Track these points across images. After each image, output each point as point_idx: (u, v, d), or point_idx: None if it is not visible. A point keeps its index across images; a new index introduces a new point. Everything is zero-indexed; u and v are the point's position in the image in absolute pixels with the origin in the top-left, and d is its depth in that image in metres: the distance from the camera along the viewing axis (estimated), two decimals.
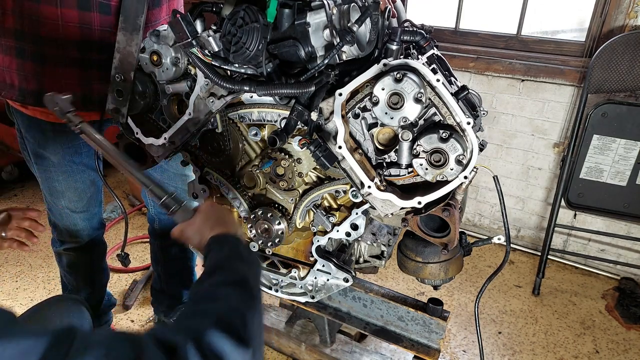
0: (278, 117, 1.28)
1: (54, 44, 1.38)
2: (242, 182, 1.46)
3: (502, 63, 2.71)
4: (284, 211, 1.43)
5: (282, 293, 1.56)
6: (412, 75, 1.05)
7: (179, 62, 1.27)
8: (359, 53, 1.14)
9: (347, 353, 1.89)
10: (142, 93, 1.34)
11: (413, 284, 2.64)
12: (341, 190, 1.33)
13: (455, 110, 1.08)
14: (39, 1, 1.33)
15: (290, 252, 1.52)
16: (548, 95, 2.65)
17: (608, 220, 2.69)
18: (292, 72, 1.18)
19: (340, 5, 1.10)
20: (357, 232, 1.35)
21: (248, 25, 1.06)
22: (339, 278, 1.43)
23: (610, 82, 2.32)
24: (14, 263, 2.72)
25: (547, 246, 2.63)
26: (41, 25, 1.35)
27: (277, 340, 2.07)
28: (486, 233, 3.17)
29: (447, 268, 1.33)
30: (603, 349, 2.27)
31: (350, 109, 1.17)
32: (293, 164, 1.32)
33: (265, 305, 2.20)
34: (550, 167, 2.80)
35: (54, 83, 1.44)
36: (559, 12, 2.82)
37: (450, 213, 1.15)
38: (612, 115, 2.38)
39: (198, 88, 1.27)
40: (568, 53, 2.62)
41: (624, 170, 2.46)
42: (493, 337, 2.32)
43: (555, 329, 2.39)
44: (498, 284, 2.69)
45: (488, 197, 3.08)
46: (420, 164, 1.11)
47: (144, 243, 2.97)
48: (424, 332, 1.48)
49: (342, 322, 1.59)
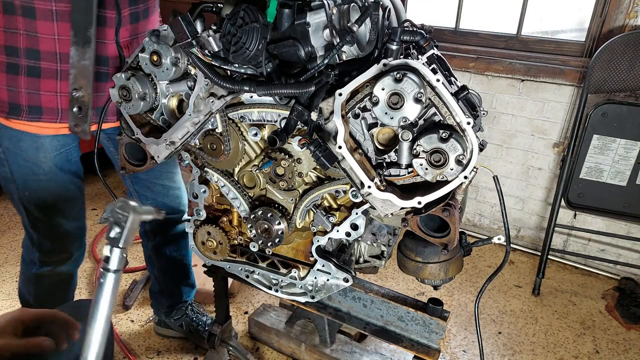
0: (278, 117, 1.28)
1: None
2: (242, 182, 1.46)
3: (502, 63, 2.71)
4: (284, 211, 1.43)
5: (282, 293, 1.56)
6: (412, 75, 1.05)
7: (179, 62, 1.27)
8: (358, 53, 1.14)
9: (347, 353, 1.89)
10: (142, 93, 1.34)
11: (413, 284, 2.64)
12: (341, 190, 1.33)
13: (455, 110, 1.08)
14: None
15: (290, 252, 1.52)
16: (548, 95, 2.65)
17: (608, 220, 2.70)
18: (292, 72, 1.18)
19: (340, 5, 1.10)
20: (357, 232, 1.35)
21: (248, 25, 1.06)
22: (339, 278, 1.43)
23: (610, 82, 2.32)
24: (14, 263, 2.72)
25: (547, 246, 2.63)
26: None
27: (277, 340, 2.07)
28: (486, 233, 3.17)
29: (447, 268, 1.33)
30: (603, 349, 2.27)
31: (350, 109, 1.17)
32: (293, 164, 1.32)
33: (265, 305, 2.20)
34: (550, 167, 2.80)
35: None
36: (559, 12, 2.82)
37: (450, 213, 1.15)
38: (612, 115, 2.38)
39: (198, 88, 1.27)
40: (568, 53, 2.62)
41: (624, 170, 2.46)
42: (493, 337, 2.32)
43: (555, 329, 2.39)
44: (498, 284, 2.69)
45: (488, 197, 3.08)
46: (420, 164, 1.11)
47: None
48: (424, 332, 1.48)
49: (342, 322, 1.59)
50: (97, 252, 2.84)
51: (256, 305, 2.42)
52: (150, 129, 1.42)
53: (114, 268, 1.01)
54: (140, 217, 1.06)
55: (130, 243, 1.05)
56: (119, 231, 1.04)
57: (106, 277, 1.00)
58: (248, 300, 2.49)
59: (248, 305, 2.45)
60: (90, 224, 3.17)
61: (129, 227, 1.04)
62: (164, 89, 1.36)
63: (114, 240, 1.02)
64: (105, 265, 1.01)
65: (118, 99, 1.35)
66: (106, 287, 1.00)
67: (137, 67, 1.34)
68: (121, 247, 1.02)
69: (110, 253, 1.02)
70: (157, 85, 1.35)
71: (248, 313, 2.36)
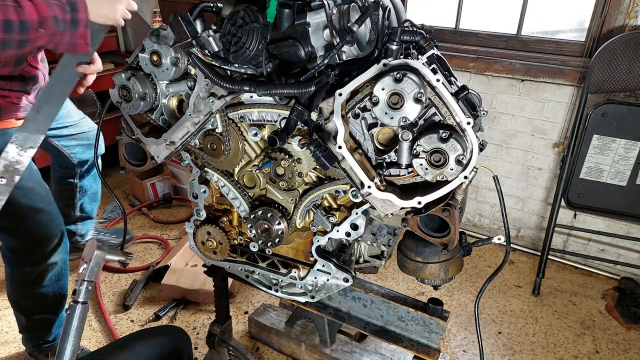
0: (278, 117, 1.28)
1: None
2: (242, 182, 1.46)
3: (502, 63, 2.71)
4: (284, 211, 1.43)
5: (282, 293, 1.56)
6: (412, 75, 1.05)
7: (179, 62, 1.27)
8: (358, 53, 1.14)
9: (347, 353, 1.89)
10: (142, 93, 1.34)
11: (413, 284, 2.64)
12: (341, 190, 1.33)
13: (455, 110, 1.08)
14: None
15: (290, 252, 1.52)
16: (548, 95, 2.65)
17: (608, 220, 2.69)
18: (292, 72, 1.18)
19: (340, 5, 1.10)
20: (357, 232, 1.35)
21: (248, 25, 1.06)
22: (339, 278, 1.43)
23: (610, 82, 2.32)
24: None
25: (547, 246, 2.63)
26: None
27: (277, 340, 2.07)
28: (486, 233, 3.17)
29: (447, 268, 1.33)
30: (603, 349, 2.27)
31: (350, 109, 1.17)
32: (293, 164, 1.32)
33: (265, 305, 2.20)
34: (550, 167, 2.80)
35: None
36: (559, 12, 2.82)
37: (450, 213, 1.15)
38: (612, 115, 2.38)
39: (198, 88, 1.27)
40: (568, 53, 2.62)
41: (624, 170, 2.46)
42: (493, 337, 2.32)
43: (555, 329, 2.39)
44: (498, 284, 2.70)
45: (488, 197, 3.08)
46: (420, 164, 1.11)
47: (144, 243, 2.98)
48: (424, 332, 1.48)
49: (342, 322, 1.59)
50: None
51: (256, 305, 2.42)
52: (150, 129, 1.42)
53: (81, 300, 1.15)
54: (104, 255, 1.22)
55: (96, 277, 1.20)
56: (85, 266, 1.18)
57: (74, 309, 1.14)
58: (248, 300, 2.49)
59: (248, 305, 2.45)
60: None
61: (93, 263, 1.19)
62: (164, 89, 1.36)
63: (81, 274, 1.18)
64: (74, 298, 1.15)
65: (118, 99, 1.36)
66: (74, 316, 1.13)
67: (137, 67, 1.34)
68: (87, 280, 1.17)
69: (78, 286, 1.16)
70: (157, 85, 1.35)
71: (248, 313, 2.36)
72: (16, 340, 2.18)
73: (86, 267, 1.18)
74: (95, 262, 1.19)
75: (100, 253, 1.21)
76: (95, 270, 1.19)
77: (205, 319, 2.34)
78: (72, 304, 1.14)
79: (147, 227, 3.14)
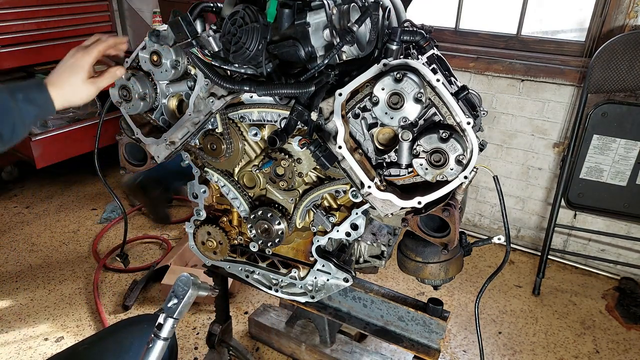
0: (278, 117, 1.28)
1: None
2: (242, 182, 1.46)
3: (502, 63, 2.71)
4: (284, 211, 1.43)
5: (282, 293, 1.56)
6: (412, 75, 1.05)
7: (178, 62, 1.27)
8: (359, 53, 1.14)
9: (347, 353, 1.89)
10: (142, 93, 1.34)
11: (413, 284, 2.64)
12: (341, 190, 1.33)
13: (455, 110, 1.08)
14: None
15: (290, 252, 1.52)
16: (548, 95, 2.65)
17: (608, 220, 2.69)
18: (292, 72, 1.17)
19: (340, 5, 1.10)
20: (357, 232, 1.35)
21: (248, 25, 1.06)
22: (339, 278, 1.43)
23: (610, 82, 2.32)
24: (14, 263, 2.73)
25: (547, 246, 2.63)
26: None
27: (277, 340, 2.07)
28: (486, 233, 3.17)
29: (447, 268, 1.33)
30: (603, 349, 2.27)
31: (350, 109, 1.17)
32: (293, 164, 1.32)
33: (265, 305, 2.20)
34: (550, 167, 2.80)
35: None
36: (559, 12, 2.82)
37: (450, 213, 1.15)
38: (612, 115, 2.39)
39: (198, 88, 1.27)
40: (568, 53, 2.62)
41: (624, 170, 2.46)
42: (493, 337, 2.32)
43: (555, 329, 2.39)
44: (498, 284, 2.70)
45: (488, 197, 3.08)
46: (420, 164, 1.11)
47: (144, 243, 2.98)
48: (424, 332, 1.47)
49: (342, 322, 1.59)
50: (97, 251, 2.84)
51: (256, 305, 2.42)
52: (150, 129, 1.42)
53: (164, 336, 1.07)
54: (197, 293, 1.13)
55: (183, 316, 1.11)
56: (175, 302, 1.09)
57: (155, 343, 1.06)
58: (248, 300, 2.49)
59: (248, 305, 2.45)
60: (90, 224, 3.17)
61: (185, 301, 1.10)
62: (164, 89, 1.36)
63: (169, 309, 1.09)
64: (157, 332, 1.07)
65: (118, 99, 1.36)
66: (153, 351, 1.06)
67: (138, 67, 1.34)
68: (175, 317, 1.08)
69: (164, 321, 1.07)
70: (157, 85, 1.35)
71: (248, 313, 2.36)
72: (16, 340, 2.18)
73: (176, 304, 1.09)
74: (188, 301, 1.11)
75: (194, 292, 1.12)
76: (184, 310, 1.11)
77: (205, 319, 2.34)
78: (154, 337, 1.07)
79: (147, 227, 3.14)
